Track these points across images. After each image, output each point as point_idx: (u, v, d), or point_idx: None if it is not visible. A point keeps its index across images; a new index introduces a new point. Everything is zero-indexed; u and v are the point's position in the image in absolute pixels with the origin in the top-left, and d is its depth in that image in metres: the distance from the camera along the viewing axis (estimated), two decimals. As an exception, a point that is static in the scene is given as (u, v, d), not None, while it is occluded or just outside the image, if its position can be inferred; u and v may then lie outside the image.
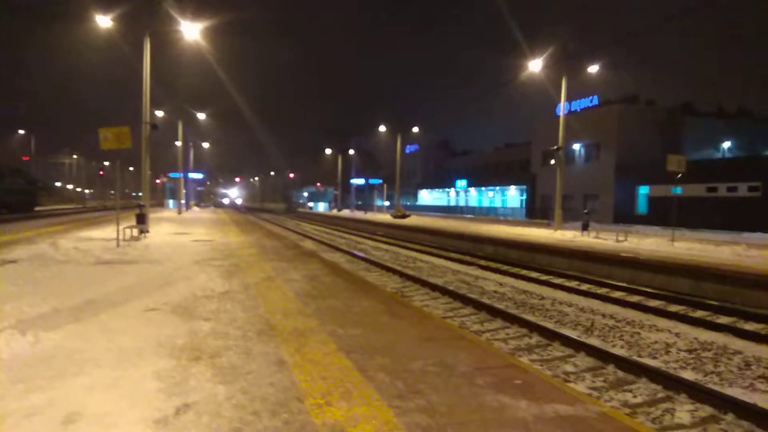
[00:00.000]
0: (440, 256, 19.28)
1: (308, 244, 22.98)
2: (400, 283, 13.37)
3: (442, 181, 68.25)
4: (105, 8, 17.42)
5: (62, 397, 3.54)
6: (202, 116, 41.65)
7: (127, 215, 18.29)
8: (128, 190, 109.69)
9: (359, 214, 51.07)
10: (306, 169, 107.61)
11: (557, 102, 27.49)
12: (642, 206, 35.78)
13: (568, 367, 6.90)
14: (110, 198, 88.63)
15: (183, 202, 44.89)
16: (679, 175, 18.08)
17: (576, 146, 41.10)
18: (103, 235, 16.16)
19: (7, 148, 73.29)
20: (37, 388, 3.67)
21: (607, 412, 3.61)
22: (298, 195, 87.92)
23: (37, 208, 43.15)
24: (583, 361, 7.15)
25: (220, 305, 6.56)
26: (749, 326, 9.14)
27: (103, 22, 17.36)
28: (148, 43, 18.47)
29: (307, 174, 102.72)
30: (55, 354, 4.47)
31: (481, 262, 17.37)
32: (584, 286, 12.98)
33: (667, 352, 7.61)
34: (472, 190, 61.41)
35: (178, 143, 42.56)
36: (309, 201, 78.77)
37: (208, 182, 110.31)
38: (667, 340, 8.24)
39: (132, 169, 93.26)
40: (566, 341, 7.86)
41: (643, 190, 35.46)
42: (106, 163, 69.49)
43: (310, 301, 6.96)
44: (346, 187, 72.62)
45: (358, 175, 65.87)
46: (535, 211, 46.36)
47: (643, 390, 6.08)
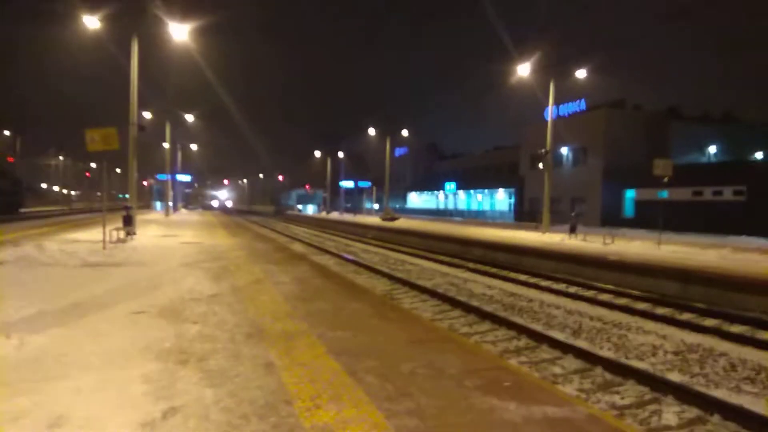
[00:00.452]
0: (429, 259, 19.31)
1: (297, 247, 22.91)
2: (389, 286, 13.37)
3: (431, 184, 68.36)
4: (92, 8, 17.27)
5: (48, 400, 3.49)
6: (190, 117, 41.37)
7: (113, 217, 18.14)
8: (115, 192, 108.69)
9: (348, 217, 51.00)
10: (295, 172, 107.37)
11: (545, 106, 27.66)
12: (629, 210, 36.07)
13: (557, 369, 6.94)
14: (97, 200, 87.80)
15: (170, 204, 44.57)
16: (666, 179, 18.27)
17: (564, 150, 41.37)
18: (90, 237, 16.00)
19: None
20: (23, 392, 3.62)
21: (595, 413, 3.63)
22: (287, 197, 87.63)
23: (23, 210, 42.63)
24: (571, 363, 7.19)
25: (209, 308, 6.52)
26: (735, 328, 9.24)
27: (91, 22, 17.21)
28: (136, 45, 18.34)
29: (296, 176, 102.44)
30: (41, 357, 4.41)
31: (470, 265, 17.41)
32: (572, 289, 13.06)
33: (654, 354, 7.67)
34: (461, 193, 61.56)
35: (166, 145, 42.27)
36: (298, 203, 78.49)
37: (196, 184, 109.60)
38: (654, 342, 8.31)
39: (119, 170, 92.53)
40: (554, 343, 7.90)
41: (630, 194, 35.75)
42: (93, 165, 68.80)
43: (299, 304, 6.93)
44: (336, 190, 72.48)
45: (348, 178, 65.78)
46: (524, 214, 46.55)
47: (630, 392, 6.12)
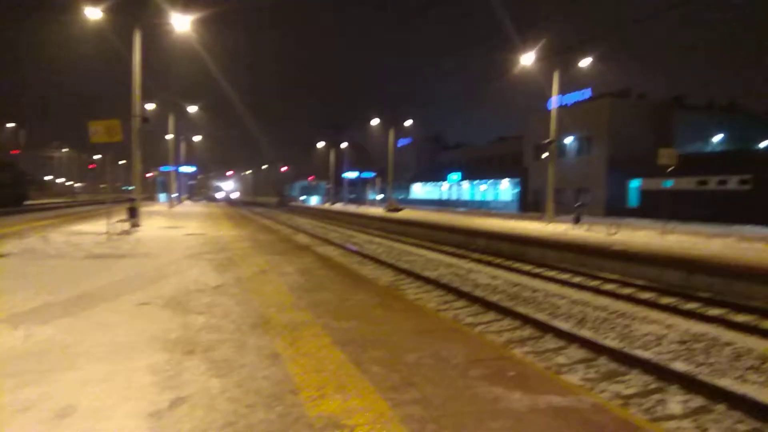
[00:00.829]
0: (433, 250, 19.32)
1: (301, 238, 22.95)
2: (393, 277, 13.39)
3: (435, 175, 68.21)
4: (94, 0, 17.21)
5: (56, 391, 3.52)
6: (193, 109, 41.36)
7: (118, 209, 18.16)
8: (119, 184, 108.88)
9: (352, 208, 50.99)
10: (298, 163, 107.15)
11: (550, 96, 27.51)
12: (633, 199, 35.95)
13: (561, 359, 6.95)
14: (101, 192, 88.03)
15: (174, 195, 44.63)
16: (670, 169, 18.19)
17: (568, 140, 41.19)
18: (95, 229, 16.05)
19: (-4, 142, 72.57)
20: (30, 382, 3.65)
21: (599, 403, 3.63)
22: (291, 188, 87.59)
23: (27, 203, 42.79)
24: (575, 352, 7.20)
25: (214, 299, 6.54)
26: (740, 318, 9.23)
27: (93, 13, 17.16)
28: (138, 36, 18.29)
29: (300, 167, 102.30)
30: (48, 348, 4.44)
31: (474, 256, 17.42)
32: (576, 279, 13.06)
33: (659, 344, 7.67)
34: (465, 184, 61.44)
35: (170, 136, 42.28)
36: (301, 195, 78.47)
37: (200, 176, 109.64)
38: (658, 331, 8.31)
39: (123, 162, 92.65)
40: (559, 333, 7.91)
41: (635, 184, 35.62)
42: (97, 157, 68.98)
43: (304, 295, 6.95)
44: (339, 181, 72.43)
45: (351, 169, 65.72)
46: (528, 204, 46.49)
47: (635, 381, 6.13)
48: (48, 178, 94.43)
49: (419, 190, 74.32)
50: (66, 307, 5.90)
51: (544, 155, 32.84)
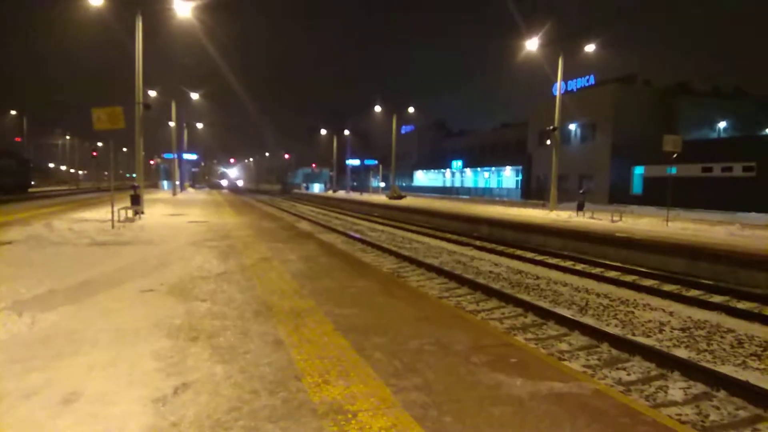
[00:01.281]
0: (436, 237, 19.32)
1: (304, 225, 22.98)
2: (396, 264, 13.41)
3: (438, 162, 68.07)
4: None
5: (61, 377, 3.55)
6: (195, 96, 41.24)
7: (121, 196, 18.22)
8: (122, 171, 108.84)
9: (355, 195, 51.01)
10: (301, 150, 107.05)
11: (554, 82, 27.33)
12: (637, 186, 35.82)
13: (563, 346, 6.97)
14: (104, 179, 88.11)
15: (178, 183, 44.67)
16: (675, 155, 18.09)
17: (572, 126, 40.99)
18: (98, 216, 16.10)
19: (-1, 129, 72.57)
20: (36, 369, 3.68)
21: (601, 389, 3.65)
22: (294, 176, 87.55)
23: (31, 190, 42.93)
24: (577, 339, 7.22)
25: (217, 286, 6.57)
26: (742, 305, 9.23)
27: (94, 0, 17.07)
28: (140, 22, 18.20)
29: (302, 155, 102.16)
30: (53, 334, 4.47)
31: (477, 243, 17.42)
32: (579, 266, 13.06)
33: (661, 331, 7.68)
34: (468, 171, 61.32)
35: (172, 123, 42.21)
36: (304, 182, 78.41)
37: (203, 163, 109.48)
38: (661, 318, 8.32)
39: (126, 149, 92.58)
40: (561, 320, 7.93)
41: (639, 171, 35.47)
42: (100, 144, 68.81)
43: (307, 282, 6.97)
44: (342, 168, 72.35)
45: (354, 156, 65.58)
46: (531, 191, 46.40)
47: (637, 368, 6.15)
48: (51, 165, 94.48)
49: (422, 178, 74.22)
50: (70, 294, 5.94)
51: (548, 142, 32.69)
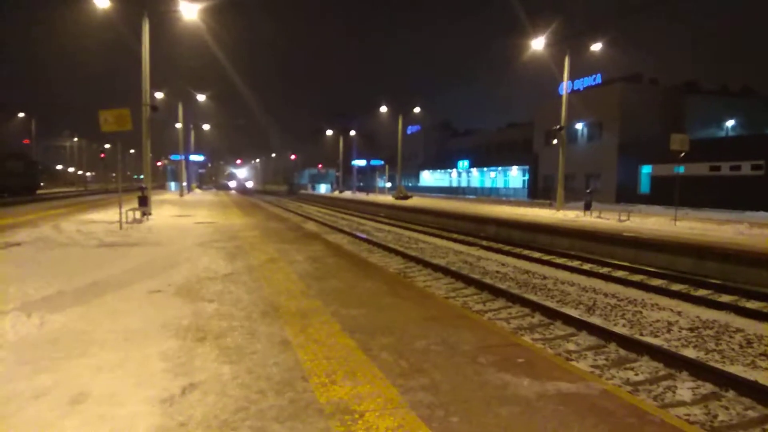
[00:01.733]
0: (442, 237, 19.30)
1: (311, 226, 23.01)
2: (402, 264, 13.41)
3: (444, 162, 67.98)
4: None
5: (69, 378, 3.57)
6: (202, 97, 41.41)
7: (129, 198, 18.31)
8: (130, 173, 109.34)
9: (361, 196, 51.04)
10: (307, 151, 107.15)
11: (560, 81, 27.25)
12: (645, 186, 35.64)
13: (570, 346, 6.94)
14: (112, 180, 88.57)
15: (185, 184, 44.86)
16: (683, 154, 17.98)
17: (578, 125, 40.85)
18: (106, 217, 16.19)
19: (8, 132, 73.06)
20: (44, 369, 3.71)
21: (608, 389, 3.63)
22: (300, 177, 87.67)
23: (39, 192, 43.23)
24: (585, 339, 7.19)
25: (224, 287, 6.59)
26: (751, 305, 9.16)
27: (101, 2, 17.17)
28: (147, 24, 18.30)
29: (309, 155, 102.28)
30: (61, 336, 4.50)
31: (483, 243, 17.39)
32: (586, 266, 13.01)
33: (669, 331, 7.64)
34: (474, 171, 61.21)
35: (179, 125, 42.39)
36: (310, 183, 78.51)
37: (210, 164, 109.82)
38: (669, 318, 8.28)
39: (133, 151, 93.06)
40: (568, 320, 7.90)
41: (646, 170, 35.29)
42: (107, 146, 69.32)
43: (314, 283, 6.98)
44: (348, 169, 72.37)
45: (360, 157, 65.62)
46: (538, 191, 46.27)
47: (644, 368, 6.12)
48: (59, 167, 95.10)
49: (428, 178, 74.15)
50: (79, 295, 5.97)
51: (555, 141, 32.59)
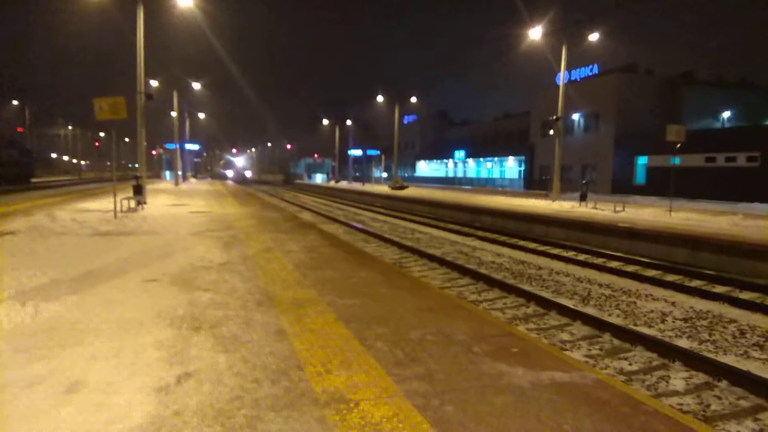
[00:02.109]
0: (438, 228, 19.31)
1: (306, 216, 22.99)
2: (398, 254, 13.42)
3: (441, 152, 67.87)
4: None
5: (64, 366, 3.57)
6: (197, 86, 41.19)
7: (123, 187, 18.24)
8: (124, 161, 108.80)
9: (357, 186, 50.97)
10: (303, 140, 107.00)
11: (557, 71, 27.19)
12: (640, 176, 35.71)
13: (565, 336, 6.98)
14: (106, 169, 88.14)
15: (180, 173, 44.68)
16: (678, 145, 18.00)
17: (575, 116, 40.80)
18: (101, 206, 16.13)
19: (1, 120, 72.57)
20: (39, 358, 3.70)
21: (602, 379, 3.65)
22: (296, 166, 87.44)
23: (33, 180, 42.98)
24: (579, 329, 7.23)
25: (220, 276, 6.58)
26: (745, 295, 9.22)
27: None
28: (141, 12, 18.12)
29: (305, 145, 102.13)
30: (56, 324, 4.49)
31: (479, 233, 17.41)
32: (581, 256, 13.05)
33: (663, 321, 7.69)
34: (471, 161, 61.16)
35: (174, 113, 42.14)
36: (307, 172, 78.35)
37: (205, 153, 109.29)
38: (663, 309, 8.32)
39: (128, 140, 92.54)
40: (563, 310, 7.93)
41: (642, 161, 35.34)
42: (102, 134, 68.90)
43: (309, 272, 6.98)
44: (344, 159, 72.25)
45: (356, 146, 65.46)
46: (534, 181, 46.31)
47: (638, 358, 6.16)
48: (54, 155, 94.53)
49: (425, 168, 74.06)
50: (73, 284, 5.96)
51: (551, 132, 32.57)
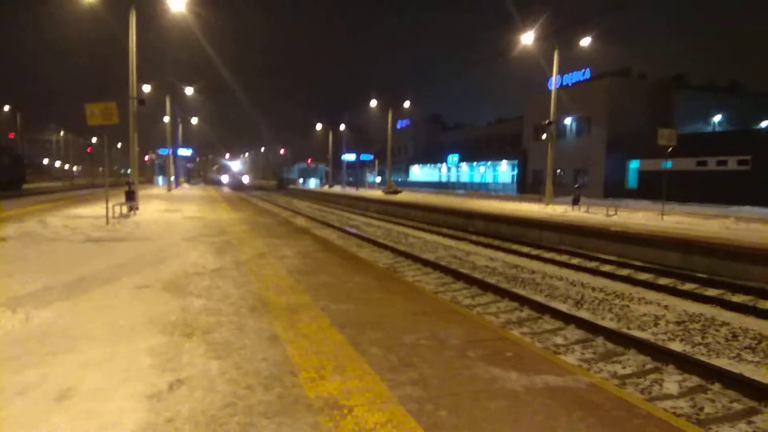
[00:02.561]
0: (432, 232, 19.33)
1: (300, 221, 22.95)
2: (392, 259, 13.42)
3: (434, 157, 67.99)
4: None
5: (55, 373, 3.53)
6: (189, 91, 41.01)
7: (116, 192, 18.14)
8: (117, 167, 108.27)
9: (351, 191, 50.93)
10: (297, 145, 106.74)
11: (549, 76, 27.32)
12: (632, 180, 35.90)
13: (558, 340, 6.99)
14: (99, 175, 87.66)
15: (173, 179, 44.50)
16: (670, 149, 18.12)
17: (567, 120, 41.00)
18: (93, 212, 16.03)
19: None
20: (30, 365, 3.66)
21: (596, 383, 3.66)
22: (290, 171, 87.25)
23: (25, 186, 42.68)
24: (572, 333, 7.24)
25: (213, 282, 6.55)
26: (737, 298, 9.28)
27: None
28: (134, 17, 18.09)
29: (298, 150, 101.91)
30: (47, 331, 4.45)
31: (473, 238, 17.44)
32: (574, 260, 13.10)
33: (656, 324, 7.72)
34: (464, 166, 61.29)
35: (167, 119, 42.00)
36: (300, 177, 78.22)
37: (198, 159, 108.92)
38: (656, 312, 8.36)
39: (120, 145, 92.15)
40: (556, 314, 7.95)
41: (634, 165, 35.55)
42: (94, 140, 68.63)
43: (303, 278, 6.96)
44: (338, 163, 72.12)
45: (350, 151, 65.34)
46: (527, 186, 46.43)
47: (632, 361, 6.18)
48: (45, 161, 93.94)
49: (418, 172, 74.12)
50: (65, 291, 5.91)
51: (544, 136, 32.71)
